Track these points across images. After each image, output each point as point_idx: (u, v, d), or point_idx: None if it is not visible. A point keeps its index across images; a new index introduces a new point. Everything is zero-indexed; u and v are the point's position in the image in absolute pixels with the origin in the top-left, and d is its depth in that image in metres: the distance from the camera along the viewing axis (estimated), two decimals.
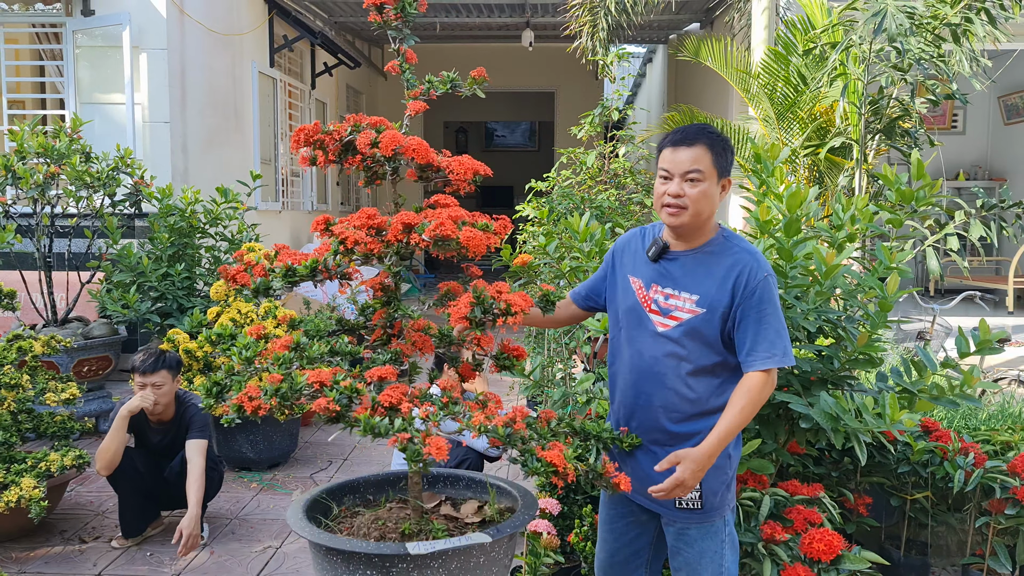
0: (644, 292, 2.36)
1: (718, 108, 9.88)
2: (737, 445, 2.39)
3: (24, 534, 4.01)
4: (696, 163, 2.23)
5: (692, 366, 2.28)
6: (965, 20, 4.41)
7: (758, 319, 2.23)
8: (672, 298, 2.31)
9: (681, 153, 2.25)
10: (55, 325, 5.79)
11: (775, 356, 2.22)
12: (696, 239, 2.32)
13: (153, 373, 3.88)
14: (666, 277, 2.33)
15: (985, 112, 10.66)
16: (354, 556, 2.31)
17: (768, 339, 2.22)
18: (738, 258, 2.27)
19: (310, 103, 11.35)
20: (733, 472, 2.38)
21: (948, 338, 5.62)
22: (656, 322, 2.32)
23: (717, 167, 2.25)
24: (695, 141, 2.24)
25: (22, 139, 5.48)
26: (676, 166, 2.25)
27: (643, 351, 2.35)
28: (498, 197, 19.16)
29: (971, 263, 9.88)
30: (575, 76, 14.34)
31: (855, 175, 4.83)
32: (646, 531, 2.52)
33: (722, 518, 2.37)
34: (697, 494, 2.31)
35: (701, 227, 2.30)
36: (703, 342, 2.27)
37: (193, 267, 6.17)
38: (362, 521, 2.61)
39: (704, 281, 2.28)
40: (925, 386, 2.86)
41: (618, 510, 2.53)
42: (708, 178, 2.24)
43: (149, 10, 7.11)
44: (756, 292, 2.23)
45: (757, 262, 2.27)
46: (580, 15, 7.96)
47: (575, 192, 6.51)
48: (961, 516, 3.49)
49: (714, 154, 2.24)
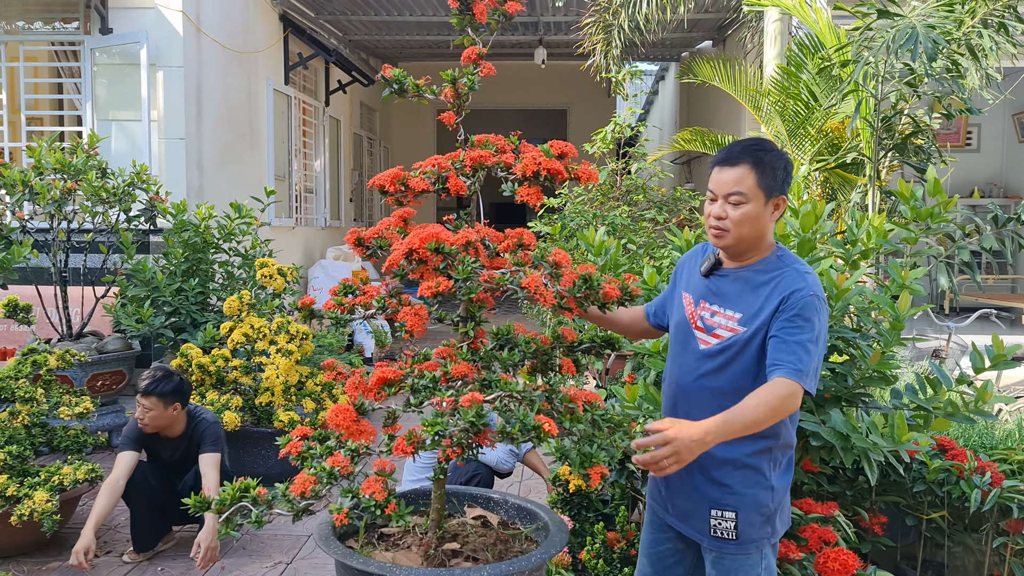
0: (693, 308, 2.30)
1: (731, 126, 9.89)
2: (783, 478, 2.25)
3: (37, 547, 4.02)
4: (738, 184, 2.15)
5: (730, 386, 2.18)
6: (977, 35, 4.40)
7: (790, 331, 2.10)
8: (717, 315, 2.24)
9: (725, 173, 2.18)
10: (70, 339, 5.83)
11: (800, 372, 2.05)
12: (748, 257, 2.25)
13: (145, 396, 3.90)
14: (715, 294, 2.27)
15: (1000, 130, 10.62)
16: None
17: (797, 354, 2.07)
18: (785, 275, 2.17)
19: (324, 120, 11.44)
20: (777, 505, 2.24)
21: (963, 356, 5.57)
22: (700, 339, 2.26)
23: (763, 187, 2.15)
24: (739, 161, 2.17)
25: (40, 155, 5.55)
26: (720, 187, 2.19)
27: (685, 368, 2.30)
28: (511, 214, 19.19)
29: (987, 281, 9.81)
30: (588, 94, 14.40)
31: (868, 191, 4.82)
32: (684, 558, 2.41)
33: (759, 551, 2.23)
34: (732, 524, 2.20)
35: (753, 247, 2.22)
36: (743, 362, 2.18)
37: (207, 282, 6.21)
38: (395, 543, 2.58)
39: (749, 299, 2.20)
40: (940, 403, 2.84)
41: (657, 535, 2.45)
42: (752, 199, 2.15)
43: (166, 28, 7.20)
44: (795, 307, 2.11)
45: (804, 281, 2.15)
46: (593, 33, 8.00)
47: (587, 209, 6.52)
48: (978, 536, 3.44)
49: (759, 173, 2.15)
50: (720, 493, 2.21)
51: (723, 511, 2.20)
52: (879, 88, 4.64)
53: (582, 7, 8.44)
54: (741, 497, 2.19)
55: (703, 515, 2.24)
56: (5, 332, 6.34)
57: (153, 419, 3.92)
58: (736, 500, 2.20)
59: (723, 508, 2.20)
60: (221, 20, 8.01)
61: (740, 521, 2.19)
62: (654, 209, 6.71)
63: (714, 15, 10.21)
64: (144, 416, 3.91)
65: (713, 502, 2.22)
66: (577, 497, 3.35)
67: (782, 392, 2.04)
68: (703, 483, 2.24)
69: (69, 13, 7.41)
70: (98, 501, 3.75)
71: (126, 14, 7.19)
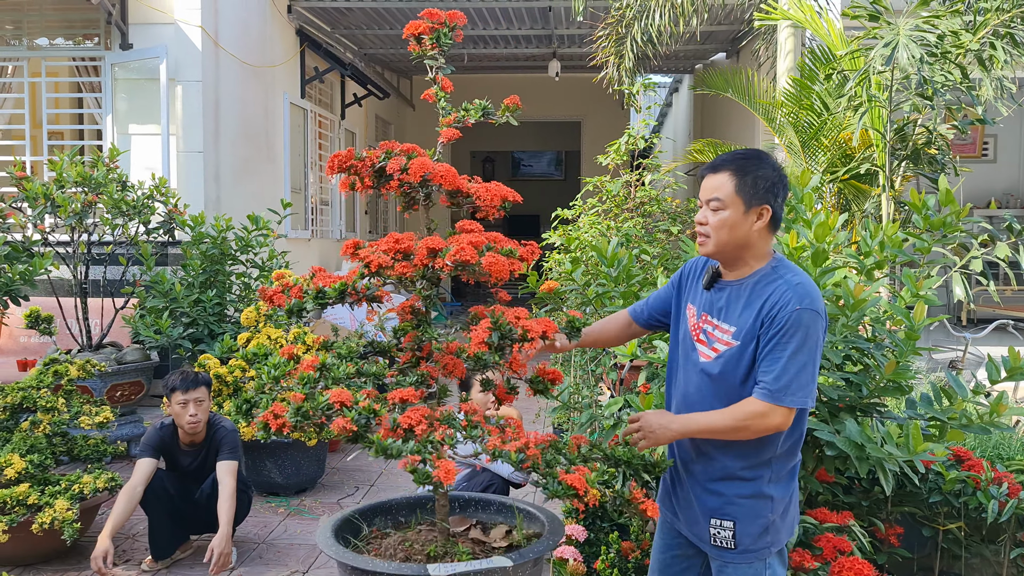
0: (695, 320, 2.32)
1: (745, 137, 9.90)
2: (782, 488, 2.26)
3: (57, 556, 4.07)
4: (717, 190, 2.19)
5: (724, 400, 2.22)
6: (989, 46, 4.40)
7: (773, 349, 2.13)
8: (717, 329, 2.25)
9: (709, 180, 2.23)
10: (90, 350, 5.90)
11: (773, 392, 2.10)
12: (743, 269, 2.25)
13: (195, 389, 3.98)
14: (714, 307, 2.28)
15: (1017, 141, 10.56)
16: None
17: (774, 372, 2.11)
18: (776, 288, 2.16)
19: (340, 133, 11.53)
20: (778, 516, 2.25)
21: (980, 367, 5.54)
22: (701, 352, 2.28)
23: (742, 194, 2.16)
24: (721, 168, 2.21)
25: (62, 168, 5.64)
26: (703, 193, 2.24)
27: (688, 380, 2.33)
28: (525, 226, 19.25)
29: (1004, 292, 9.74)
30: (601, 105, 14.43)
31: (882, 202, 4.82)
32: (693, 565, 2.44)
33: (762, 561, 2.25)
34: (730, 533, 2.23)
35: (739, 257, 2.23)
36: (736, 376, 2.21)
37: (224, 293, 6.27)
38: (390, 542, 2.63)
39: (742, 313, 2.20)
40: (955, 414, 2.83)
41: (668, 541, 2.48)
42: (730, 206, 2.17)
43: (185, 44, 7.31)
44: (779, 324, 2.12)
45: (795, 294, 2.13)
46: (606, 46, 8.04)
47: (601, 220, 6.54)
48: (996, 548, 3.42)
49: (739, 180, 2.17)
50: (718, 503, 2.26)
51: (721, 520, 2.25)
52: (891, 98, 4.64)
53: (595, 20, 8.49)
54: (738, 507, 2.24)
55: (704, 524, 2.29)
56: (27, 343, 6.42)
57: (205, 411, 4.01)
58: (734, 510, 2.24)
59: (721, 517, 2.25)
60: (239, 35, 8.11)
61: (738, 531, 2.23)
62: (668, 220, 6.72)
63: (727, 27, 10.24)
64: (197, 411, 3.97)
65: (712, 511, 2.27)
66: (591, 507, 3.36)
67: (748, 410, 2.14)
68: (703, 494, 2.29)
69: (90, 29, 7.54)
70: (116, 507, 3.79)
71: (146, 30, 7.31)
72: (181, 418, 3.97)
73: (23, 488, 3.83)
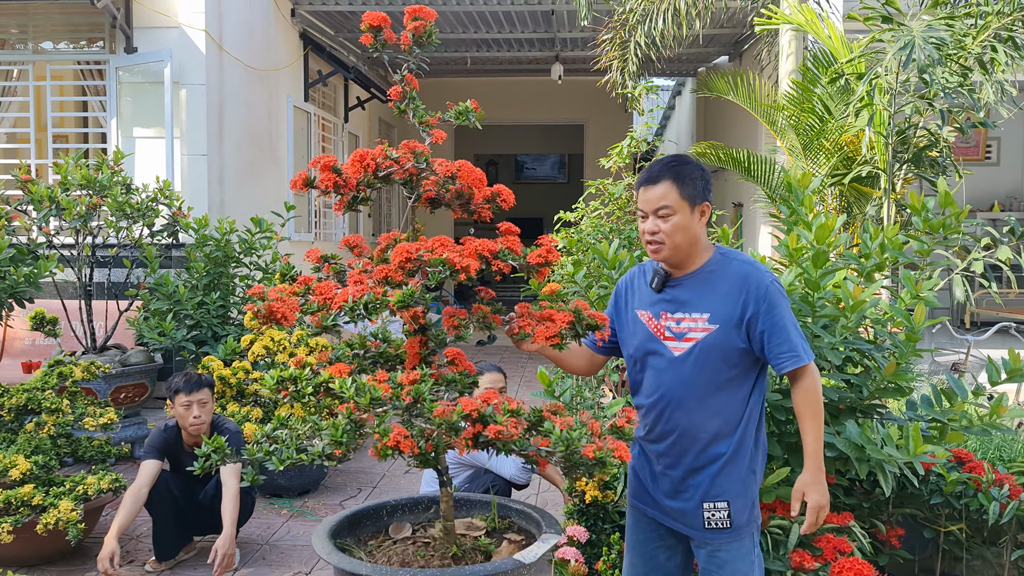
0: (655, 322, 2.43)
1: (747, 140, 9.91)
2: (760, 463, 2.43)
3: (62, 556, 4.09)
4: (663, 199, 2.32)
5: (709, 383, 2.34)
6: (991, 49, 4.40)
7: (775, 323, 2.31)
8: (684, 321, 2.38)
9: (650, 192, 2.35)
10: (94, 352, 5.92)
11: (798, 355, 2.31)
12: (692, 263, 2.40)
13: (198, 390, 4.00)
14: (674, 303, 2.40)
15: (1019, 144, 10.56)
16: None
17: (790, 340, 2.31)
18: (739, 270, 2.37)
19: (343, 136, 11.57)
20: (757, 489, 2.43)
21: (982, 370, 5.54)
22: (672, 347, 2.39)
23: (687, 198, 2.33)
24: (660, 178, 2.34)
25: (66, 171, 5.67)
26: (648, 204, 2.35)
27: (661, 380, 2.41)
28: (528, 228, 19.23)
29: (1008, 295, 9.73)
30: (604, 109, 14.45)
31: (883, 204, 4.82)
32: (675, 554, 2.53)
33: (750, 536, 2.40)
34: (726, 513, 2.34)
35: (690, 253, 2.38)
36: (719, 357, 2.34)
37: (228, 296, 6.29)
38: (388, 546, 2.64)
39: (711, 298, 2.35)
40: (956, 415, 2.84)
41: (647, 534, 2.55)
42: (679, 211, 2.32)
43: (189, 47, 7.34)
44: (767, 299, 2.31)
45: (758, 271, 2.36)
46: (609, 50, 8.06)
47: (604, 223, 6.55)
48: (997, 550, 3.42)
49: (681, 186, 2.32)
50: (710, 485, 2.35)
51: (715, 502, 2.34)
52: (893, 101, 4.65)
53: (599, 23, 8.50)
54: (730, 486, 2.34)
55: (696, 510, 2.37)
56: (32, 345, 6.45)
57: (209, 412, 4.03)
58: (725, 490, 2.34)
59: (715, 500, 2.34)
60: (243, 39, 8.15)
61: (732, 510, 2.35)
62: None
63: (730, 30, 10.25)
64: (200, 413, 3.99)
65: (704, 495, 2.35)
66: (593, 508, 3.37)
67: (806, 385, 2.32)
68: (693, 479, 2.37)
69: (94, 33, 7.58)
70: (121, 509, 3.81)
71: (150, 33, 7.34)
72: (185, 420, 3.98)
73: (28, 489, 3.85)
